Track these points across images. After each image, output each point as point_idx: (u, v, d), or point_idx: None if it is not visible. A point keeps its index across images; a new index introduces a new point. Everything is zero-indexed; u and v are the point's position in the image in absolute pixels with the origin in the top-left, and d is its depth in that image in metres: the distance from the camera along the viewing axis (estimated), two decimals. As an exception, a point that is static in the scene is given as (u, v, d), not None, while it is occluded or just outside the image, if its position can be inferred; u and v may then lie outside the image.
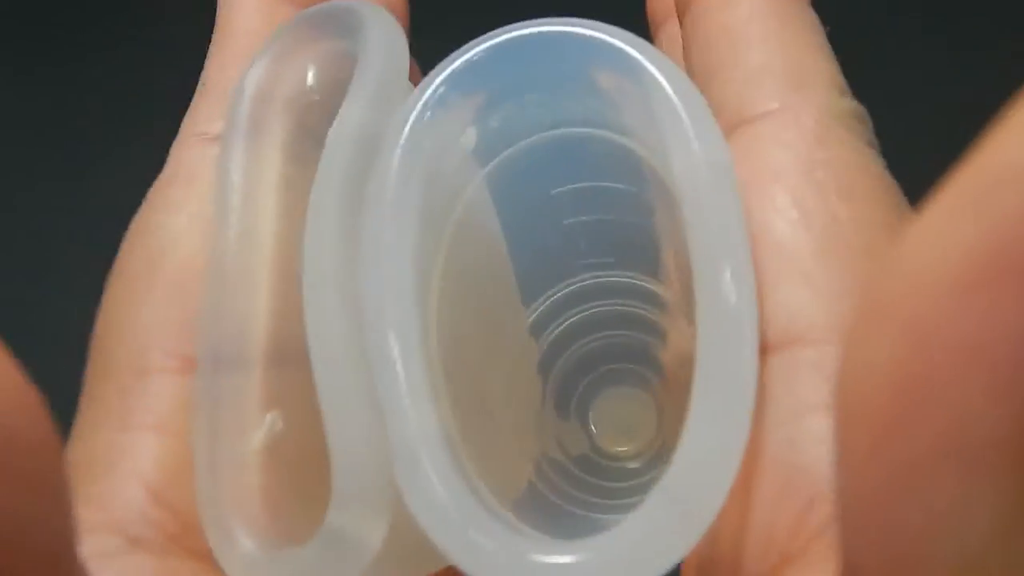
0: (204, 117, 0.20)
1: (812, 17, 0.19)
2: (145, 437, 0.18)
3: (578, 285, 0.23)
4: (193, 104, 0.20)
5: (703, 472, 0.14)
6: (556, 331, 0.23)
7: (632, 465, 0.23)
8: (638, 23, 0.23)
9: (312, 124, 0.19)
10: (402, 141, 0.17)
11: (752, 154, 0.17)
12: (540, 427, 0.23)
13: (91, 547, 0.16)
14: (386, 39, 0.18)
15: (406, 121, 0.17)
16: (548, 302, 0.23)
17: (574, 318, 0.23)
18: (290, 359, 0.18)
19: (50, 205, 0.54)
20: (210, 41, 0.22)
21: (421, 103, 0.17)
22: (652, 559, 0.14)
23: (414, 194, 0.17)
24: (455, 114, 0.17)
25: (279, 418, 0.17)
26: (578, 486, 0.22)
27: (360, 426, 0.15)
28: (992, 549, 0.08)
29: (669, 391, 0.23)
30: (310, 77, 0.19)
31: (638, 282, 0.23)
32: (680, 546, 0.14)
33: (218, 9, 0.21)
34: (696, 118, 0.16)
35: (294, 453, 0.17)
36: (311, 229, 0.16)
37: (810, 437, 0.15)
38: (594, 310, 0.23)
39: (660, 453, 0.23)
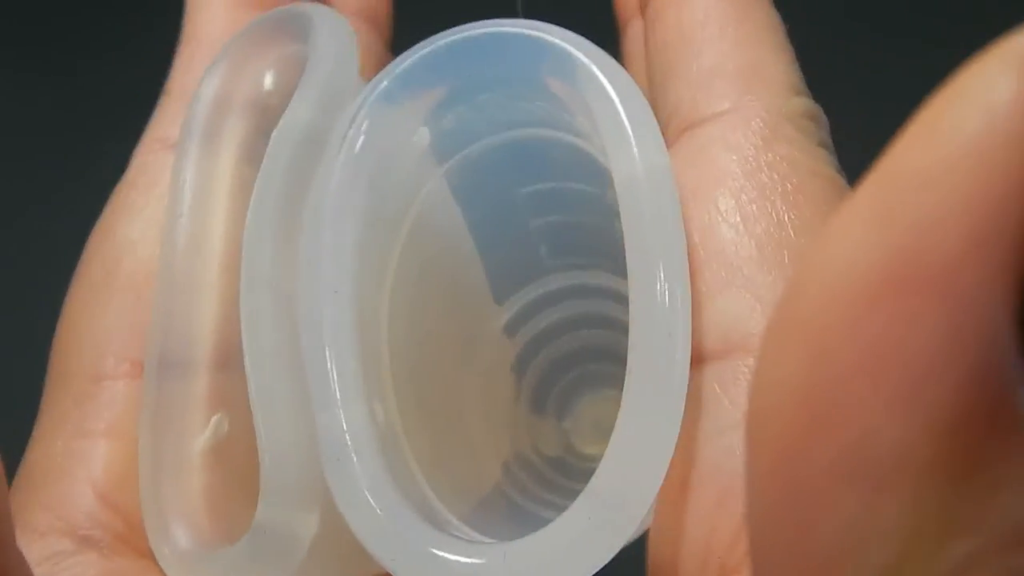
0: (167, 123, 0.20)
1: (770, 14, 0.19)
2: (97, 443, 0.18)
3: (553, 285, 0.23)
4: (157, 110, 0.20)
5: (629, 479, 0.14)
6: (532, 330, 0.23)
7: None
8: (609, 20, 0.23)
9: (269, 128, 0.19)
10: (346, 141, 0.17)
11: (700, 157, 0.17)
12: (514, 426, 0.23)
13: (44, 549, 0.17)
14: (335, 41, 0.18)
15: (352, 120, 0.17)
16: (523, 301, 0.23)
17: (550, 318, 0.23)
18: (237, 362, 0.18)
19: (51, 207, 0.54)
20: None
21: (369, 103, 0.17)
22: (562, 568, 0.14)
23: (358, 194, 0.17)
24: (405, 113, 0.17)
25: (224, 421, 0.18)
26: (548, 488, 0.22)
27: (288, 424, 0.15)
28: (905, 564, 0.08)
29: None
30: (267, 81, 0.19)
31: (610, 283, 0.23)
32: (594, 557, 0.14)
33: (185, 16, 0.21)
34: (635, 122, 0.16)
35: (239, 455, 0.18)
36: (250, 230, 0.16)
37: None
38: (570, 310, 0.23)
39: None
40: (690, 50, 0.18)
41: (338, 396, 0.15)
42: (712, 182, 0.17)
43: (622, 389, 0.23)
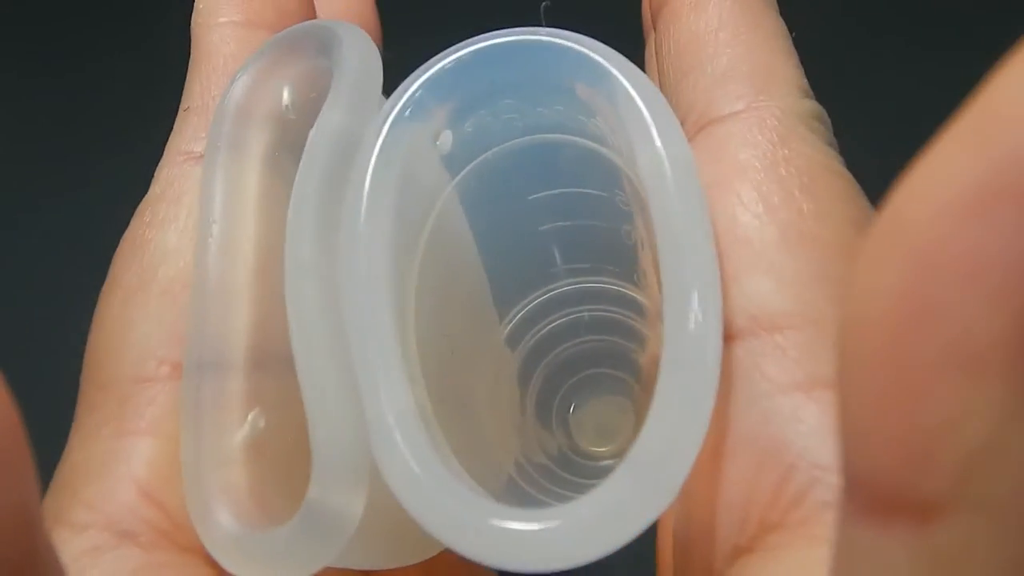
0: (190, 136, 0.21)
1: (778, 23, 0.20)
2: (139, 441, 0.18)
3: (556, 291, 0.24)
4: (177, 125, 0.21)
5: (667, 446, 0.14)
6: (534, 339, 0.24)
7: (609, 463, 0.24)
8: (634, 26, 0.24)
9: (289, 140, 0.20)
10: (379, 144, 0.18)
11: (719, 152, 0.18)
12: (521, 433, 0.24)
13: (83, 543, 0.17)
14: (361, 52, 0.19)
15: (384, 124, 0.18)
16: (525, 310, 0.24)
17: (552, 324, 0.24)
18: (271, 362, 0.19)
19: (51, 213, 0.54)
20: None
21: (399, 107, 0.18)
22: (615, 528, 0.14)
23: (390, 194, 0.17)
24: (431, 119, 0.18)
25: (261, 417, 0.18)
26: (555, 481, 0.23)
27: (338, 404, 0.16)
28: (994, 440, 0.09)
29: (648, 394, 0.23)
30: (286, 96, 0.20)
31: (615, 287, 0.23)
32: (643, 516, 0.14)
33: (193, 36, 0.22)
34: (659, 119, 0.17)
35: (277, 450, 0.18)
36: (292, 222, 0.17)
37: (782, 415, 0.16)
38: (572, 316, 0.24)
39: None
40: (705, 53, 0.19)
41: (383, 374, 0.16)
42: (733, 175, 0.18)
43: (625, 392, 0.24)
